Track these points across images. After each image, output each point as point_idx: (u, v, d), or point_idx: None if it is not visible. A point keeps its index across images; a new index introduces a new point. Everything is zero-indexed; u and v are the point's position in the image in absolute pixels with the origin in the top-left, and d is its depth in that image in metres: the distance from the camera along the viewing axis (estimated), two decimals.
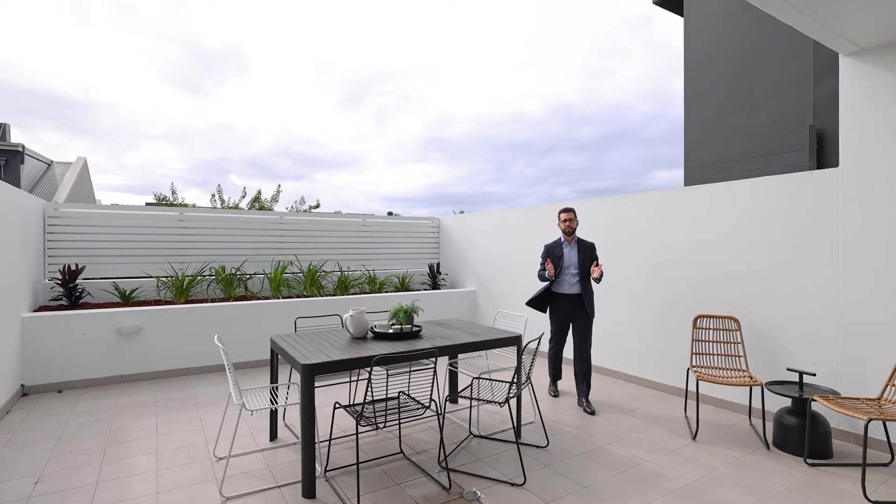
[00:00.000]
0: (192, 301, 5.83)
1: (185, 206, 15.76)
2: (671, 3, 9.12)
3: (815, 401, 3.08)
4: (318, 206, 18.46)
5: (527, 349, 3.28)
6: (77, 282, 5.30)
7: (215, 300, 5.94)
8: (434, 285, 7.90)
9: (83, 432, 3.66)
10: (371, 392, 2.64)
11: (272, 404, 3.03)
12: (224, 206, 17.63)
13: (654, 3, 9.21)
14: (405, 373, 2.95)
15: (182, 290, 5.79)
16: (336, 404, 2.95)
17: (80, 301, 5.35)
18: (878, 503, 2.68)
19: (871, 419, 2.71)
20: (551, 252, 4.44)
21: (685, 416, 4.04)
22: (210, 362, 5.36)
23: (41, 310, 5.02)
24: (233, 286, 6.19)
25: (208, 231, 6.43)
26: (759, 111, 7.44)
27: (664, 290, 4.75)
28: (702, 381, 3.66)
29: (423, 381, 2.96)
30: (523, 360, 3.30)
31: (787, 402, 3.61)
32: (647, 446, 3.46)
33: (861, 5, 2.91)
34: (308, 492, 2.73)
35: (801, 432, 3.25)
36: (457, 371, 4.06)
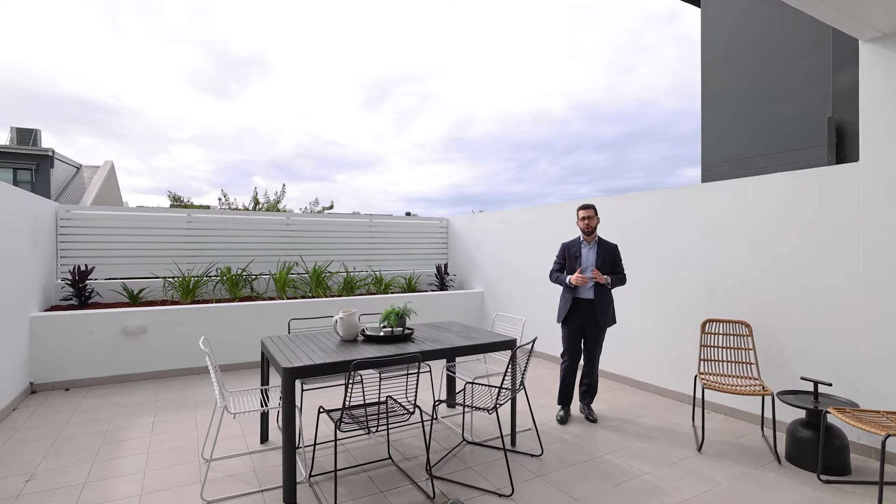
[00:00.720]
0: (198, 301, 5.88)
1: (194, 206, 16.04)
2: None
3: (830, 413, 2.87)
4: (332, 208, 18.58)
5: (520, 354, 3.15)
6: (86, 282, 5.41)
7: (220, 300, 5.98)
8: (442, 286, 7.81)
9: (81, 431, 3.70)
10: (349, 397, 2.56)
11: (261, 407, 3.00)
12: (232, 209, 17.92)
13: None
14: (391, 377, 2.87)
15: (188, 291, 5.85)
16: (320, 408, 2.89)
17: (90, 301, 5.45)
18: None
19: (890, 435, 2.50)
20: (568, 251, 4.07)
21: (693, 426, 3.85)
22: (221, 361, 5.38)
23: (53, 309, 5.13)
24: (238, 287, 6.23)
25: (215, 232, 6.49)
26: (779, 105, 7.11)
27: (674, 291, 4.55)
28: (709, 390, 3.47)
29: (416, 386, 2.88)
30: (518, 364, 3.19)
31: (801, 412, 3.39)
32: (649, 457, 3.29)
33: None
34: (289, 497, 2.68)
35: (816, 446, 3.04)
36: (453, 375, 3.96)
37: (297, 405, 3.08)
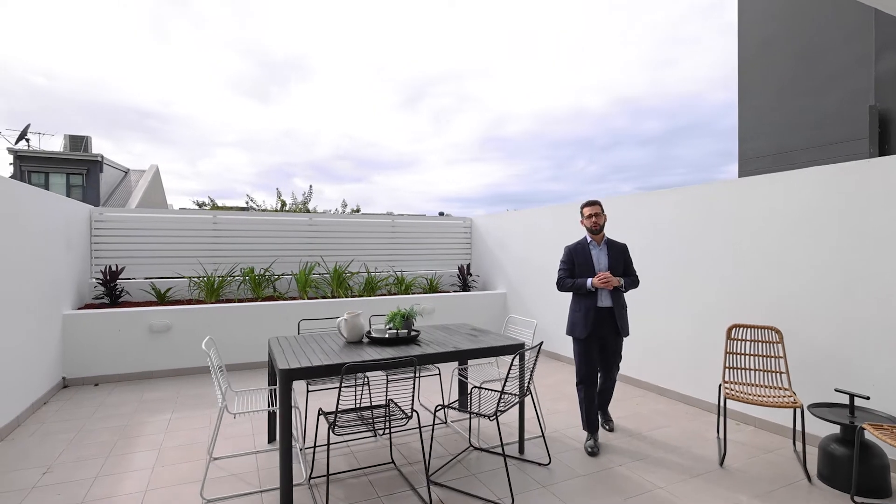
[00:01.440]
0: (222, 301, 6.03)
1: (228, 208, 16.52)
2: None
3: (866, 429, 2.61)
4: (359, 210, 18.82)
5: (520, 359, 3.04)
6: (117, 282, 5.64)
7: (242, 300, 6.11)
8: (464, 287, 7.72)
9: (102, 425, 3.84)
10: (342, 400, 2.52)
11: (268, 407, 3.02)
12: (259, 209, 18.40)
13: None
14: (392, 380, 2.82)
15: (212, 290, 6.00)
16: (319, 410, 2.87)
17: (120, 300, 5.68)
18: None
19: None
20: (575, 255, 3.62)
21: (717, 438, 3.61)
22: (234, 360, 5.50)
23: (86, 308, 5.38)
24: (261, 287, 6.35)
25: (240, 233, 6.65)
26: (820, 96, 6.62)
27: (700, 294, 4.30)
28: (731, 400, 3.23)
29: (426, 389, 2.81)
30: (524, 369, 3.07)
31: (836, 427, 3.11)
32: (665, 470, 3.10)
33: None
34: (286, 500, 2.66)
35: (851, 464, 2.77)
36: (463, 379, 3.87)
37: (296, 406, 3.07)
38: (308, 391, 3.40)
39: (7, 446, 3.42)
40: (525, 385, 3.13)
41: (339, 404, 2.53)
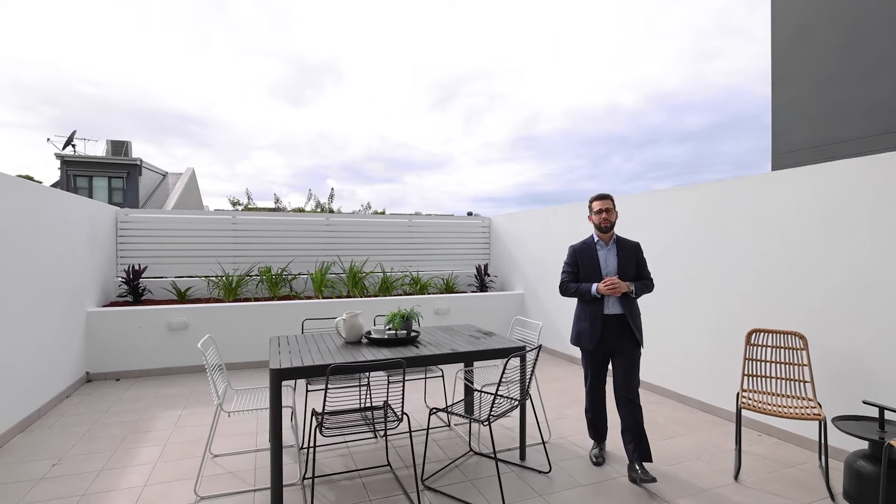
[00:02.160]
0: (239, 300, 6.15)
1: (251, 209, 16.91)
2: None
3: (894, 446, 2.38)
4: (384, 212, 18.96)
5: (512, 363, 2.93)
6: (139, 280, 5.83)
7: (259, 299, 6.22)
8: (481, 287, 7.62)
9: (115, 420, 3.96)
10: (325, 401, 2.48)
11: (264, 406, 3.02)
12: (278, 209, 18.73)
13: None
14: (394, 382, 2.77)
15: (230, 289, 6.13)
16: (313, 411, 2.85)
17: (142, 298, 5.88)
18: None
19: None
20: (580, 256, 3.26)
21: (735, 449, 3.39)
22: (248, 358, 5.60)
23: (111, 305, 5.58)
24: (277, 286, 6.44)
25: (258, 233, 6.76)
26: (867, 84, 6.16)
27: (721, 297, 4.06)
28: (747, 411, 3.02)
29: (433, 391, 2.75)
30: (525, 373, 2.97)
31: (864, 442, 2.85)
32: (674, 482, 2.93)
33: None
34: (276, 500, 2.65)
35: (879, 484, 2.53)
36: (466, 382, 3.78)
37: (291, 405, 3.06)
38: (307, 391, 3.39)
39: (25, 437, 3.57)
40: (525, 389, 3.02)
41: (325, 405, 2.50)
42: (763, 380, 3.29)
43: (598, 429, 3.29)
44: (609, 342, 3.12)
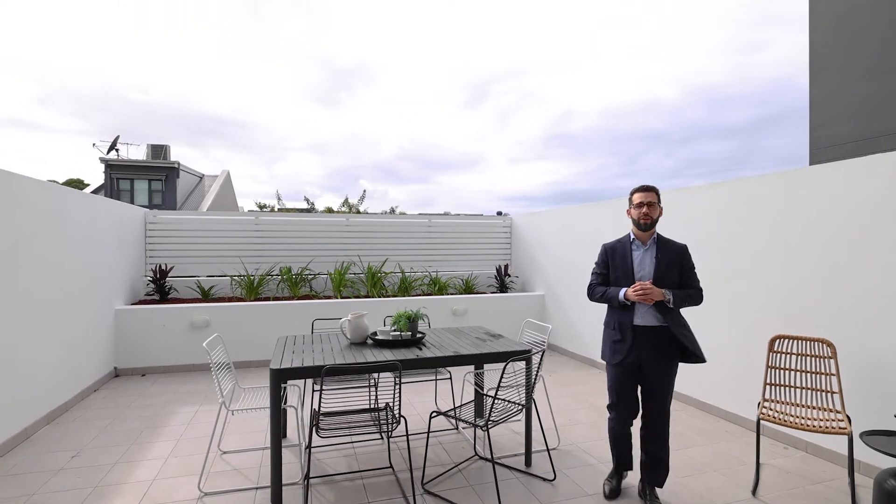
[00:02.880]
0: (260, 299, 6.28)
1: (283, 210, 17.26)
2: None
3: None
4: (404, 214, 19.07)
5: (511, 365, 2.85)
6: (166, 280, 6.04)
7: (279, 298, 6.33)
8: (502, 288, 7.52)
9: (135, 414, 4.10)
10: (320, 402, 2.48)
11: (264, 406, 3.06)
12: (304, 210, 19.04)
13: None
14: (386, 383, 2.75)
15: (252, 289, 6.27)
16: (313, 411, 2.86)
17: (168, 296, 6.08)
18: None
19: None
20: (612, 257, 2.83)
21: (756, 461, 3.20)
22: (267, 356, 5.70)
23: (139, 303, 5.81)
24: (297, 286, 6.54)
25: (280, 233, 6.89)
26: None
27: (746, 301, 3.85)
28: (767, 422, 2.83)
29: (443, 393, 2.73)
30: (530, 377, 2.89)
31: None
32: (687, 496, 2.78)
33: None
34: (275, 499, 2.68)
35: None
36: (476, 385, 3.72)
37: (292, 405, 3.08)
38: (314, 391, 3.41)
39: (51, 429, 3.74)
40: (530, 394, 2.94)
41: (321, 406, 2.50)
42: (787, 389, 3.09)
43: (620, 457, 2.85)
44: (638, 358, 2.66)
